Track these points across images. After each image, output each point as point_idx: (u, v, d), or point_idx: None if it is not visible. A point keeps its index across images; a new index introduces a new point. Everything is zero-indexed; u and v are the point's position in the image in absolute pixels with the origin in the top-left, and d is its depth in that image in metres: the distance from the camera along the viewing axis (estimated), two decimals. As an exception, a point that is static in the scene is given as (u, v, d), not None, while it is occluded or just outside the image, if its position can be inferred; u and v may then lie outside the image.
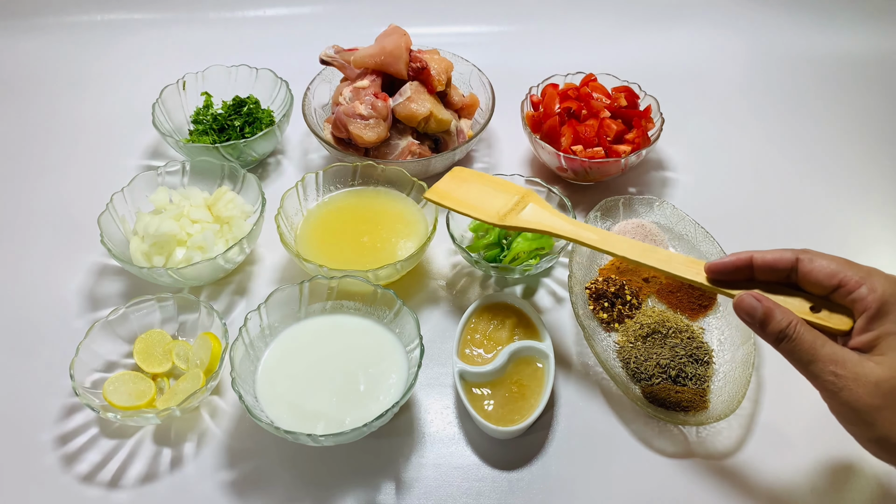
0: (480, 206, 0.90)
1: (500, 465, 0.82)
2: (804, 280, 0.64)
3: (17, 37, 1.52)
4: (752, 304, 0.63)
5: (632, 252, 0.76)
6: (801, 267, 0.63)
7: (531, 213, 0.88)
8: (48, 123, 1.34)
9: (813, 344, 0.60)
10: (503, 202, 0.90)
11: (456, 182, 0.95)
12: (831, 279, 0.62)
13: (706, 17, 1.57)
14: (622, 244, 0.78)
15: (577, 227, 0.83)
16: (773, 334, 0.62)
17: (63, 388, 0.89)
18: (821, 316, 0.63)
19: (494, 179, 0.95)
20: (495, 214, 0.88)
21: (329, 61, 1.18)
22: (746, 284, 0.67)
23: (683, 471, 0.82)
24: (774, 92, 1.42)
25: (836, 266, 0.62)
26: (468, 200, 0.91)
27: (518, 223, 0.87)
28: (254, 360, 0.85)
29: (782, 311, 0.62)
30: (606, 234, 0.80)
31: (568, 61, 1.33)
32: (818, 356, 0.59)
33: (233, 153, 1.14)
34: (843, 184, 1.21)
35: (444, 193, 0.93)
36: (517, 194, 0.91)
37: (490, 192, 0.92)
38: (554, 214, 0.86)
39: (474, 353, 0.88)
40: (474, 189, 0.93)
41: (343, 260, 0.96)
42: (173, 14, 1.57)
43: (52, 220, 1.14)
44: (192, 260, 0.96)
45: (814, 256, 0.63)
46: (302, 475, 0.82)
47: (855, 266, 0.62)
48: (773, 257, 0.65)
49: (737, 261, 0.66)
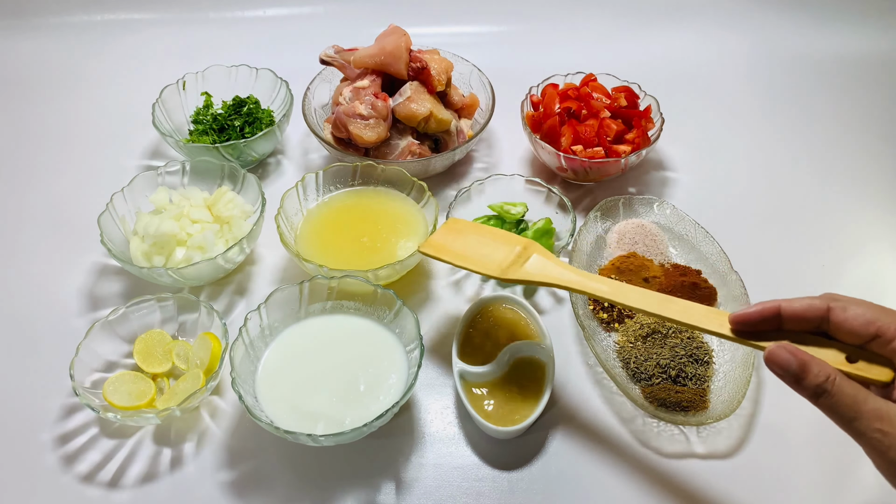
0: (481, 259, 0.84)
1: (500, 465, 0.82)
2: (838, 329, 0.59)
3: (17, 37, 1.52)
4: (786, 357, 0.57)
5: (647, 304, 0.70)
6: (834, 316, 0.59)
7: (536, 265, 0.82)
8: (48, 123, 1.34)
9: (855, 399, 0.55)
10: (504, 254, 0.84)
11: (452, 234, 0.89)
12: (868, 328, 0.57)
13: (706, 17, 1.57)
14: (635, 295, 0.72)
15: (587, 278, 0.77)
16: (811, 389, 0.57)
17: (63, 388, 0.89)
18: (859, 367, 0.58)
19: (492, 230, 0.90)
20: (497, 267, 0.82)
21: (329, 61, 1.18)
22: (775, 335, 0.62)
23: (683, 471, 0.82)
24: (775, 92, 1.42)
25: (871, 314, 0.58)
26: (466, 253, 0.85)
27: (523, 276, 0.81)
28: (254, 360, 0.85)
29: (818, 364, 0.57)
30: (618, 284, 0.74)
31: (568, 61, 1.32)
32: (862, 412, 0.55)
33: (233, 153, 1.14)
34: (843, 183, 1.21)
35: (440, 247, 0.87)
36: (518, 244, 0.85)
37: (489, 243, 0.86)
38: (560, 265, 0.81)
39: (474, 353, 0.88)
40: (472, 241, 0.87)
41: (343, 260, 0.96)
42: (173, 14, 1.57)
43: (52, 221, 1.14)
44: (192, 260, 0.96)
45: (846, 304, 0.59)
46: (302, 475, 0.82)
47: (891, 312, 0.58)
48: (803, 306, 0.60)
49: (763, 311, 0.61)
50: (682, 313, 0.68)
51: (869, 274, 1.06)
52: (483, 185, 1.08)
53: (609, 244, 1.05)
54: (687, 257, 1.03)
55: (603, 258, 1.04)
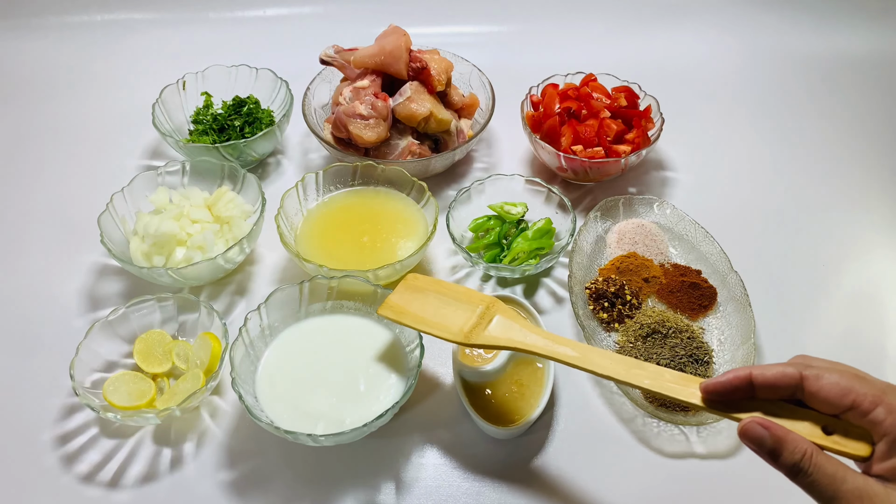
0: (441, 322, 0.79)
1: (500, 465, 0.82)
2: (812, 399, 0.57)
3: (17, 37, 1.52)
4: (759, 433, 0.55)
5: (616, 371, 0.66)
6: (808, 386, 0.57)
7: (499, 328, 0.76)
8: (48, 123, 1.34)
9: (833, 478, 0.53)
10: (465, 316, 0.79)
11: (410, 292, 0.83)
12: (843, 399, 0.55)
13: (706, 17, 1.57)
14: (604, 361, 0.67)
15: (554, 341, 0.72)
16: (787, 466, 0.55)
17: (63, 388, 0.89)
18: (836, 440, 0.56)
19: (452, 287, 0.84)
20: (459, 332, 0.77)
21: (329, 61, 1.18)
22: (747, 403, 0.59)
23: (683, 471, 0.82)
24: (775, 92, 1.42)
25: (845, 383, 0.55)
26: (426, 316, 0.80)
27: (486, 341, 0.76)
28: (254, 360, 0.85)
29: (794, 440, 0.54)
30: (587, 348, 0.69)
31: (568, 61, 1.33)
32: (840, 493, 0.53)
33: (233, 153, 1.14)
34: (843, 183, 1.21)
35: (399, 309, 0.81)
36: (480, 303, 0.79)
37: (450, 303, 0.81)
38: (525, 328, 0.75)
39: (474, 353, 0.88)
40: (431, 300, 0.82)
41: (343, 260, 0.96)
42: (173, 14, 1.57)
43: (52, 221, 1.14)
44: (192, 260, 0.96)
45: (820, 372, 0.56)
46: (302, 475, 0.82)
47: (867, 381, 0.56)
48: (775, 375, 0.57)
49: (734, 379, 0.59)
50: (652, 378, 0.64)
51: (869, 274, 1.06)
52: (483, 185, 1.08)
53: (609, 244, 1.05)
54: (687, 257, 1.03)
55: (603, 258, 1.04)
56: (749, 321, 0.90)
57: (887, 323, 0.98)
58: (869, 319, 0.99)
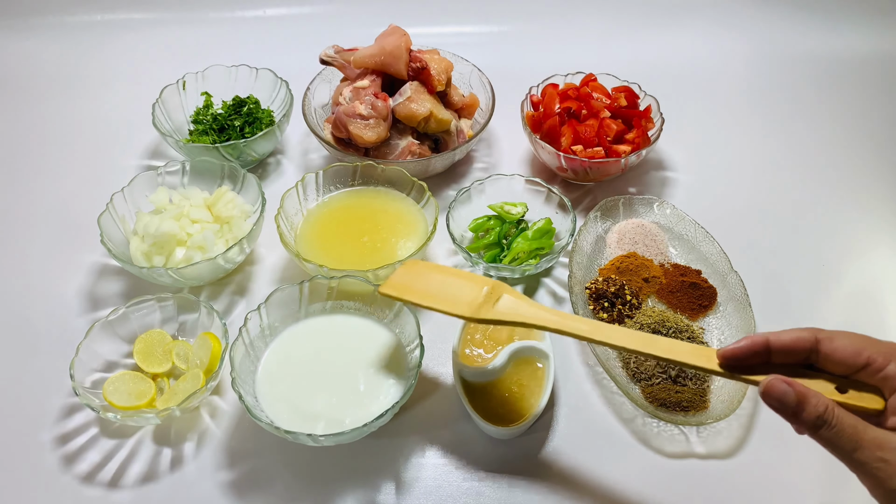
0: (448, 298, 0.77)
1: (500, 465, 0.82)
2: (827, 360, 0.59)
3: (17, 37, 1.52)
4: (783, 389, 0.56)
5: (630, 342, 0.66)
6: (823, 347, 0.59)
7: (509, 305, 0.75)
8: (48, 123, 1.34)
9: (855, 428, 0.55)
10: (472, 293, 0.77)
11: (412, 275, 0.82)
12: (857, 358, 0.57)
13: (706, 16, 1.57)
14: (618, 334, 0.67)
15: (564, 317, 0.72)
16: (810, 421, 0.56)
17: (63, 388, 0.89)
18: (850, 396, 0.58)
19: (455, 270, 0.83)
20: (467, 306, 0.75)
21: (329, 61, 1.18)
22: (763, 368, 0.61)
23: (683, 471, 0.82)
24: (775, 92, 1.42)
25: (859, 343, 0.58)
26: (431, 292, 0.78)
27: (497, 316, 0.74)
28: (254, 360, 0.85)
29: (816, 396, 0.56)
30: (598, 324, 0.69)
31: (568, 61, 1.32)
32: (862, 442, 0.54)
33: (233, 153, 1.14)
34: (843, 184, 1.21)
35: (402, 287, 0.80)
36: (485, 285, 0.78)
37: (454, 282, 0.79)
38: (533, 305, 0.75)
39: (474, 353, 0.88)
40: (436, 280, 0.80)
41: (343, 260, 0.96)
42: (173, 14, 1.57)
43: (52, 221, 1.14)
44: (192, 260, 0.96)
45: (832, 335, 0.59)
46: (302, 475, 0.82)
47: (877, 342, 0.58)
48: (791, 338, 0.60)
49: (752, 345, 0.61)
50: (668, 350, 0.65)
51: (869, 274, 1.06)
52: (483, 185, 1.08)
53: (609, 244, 1.05)
54: (687, 257, 1.03)
55: (603, 258, 1.04)
56: (749, 321, 0.90)
57: (887, 323, 0.98)
58: (869, 319, 0.99)
